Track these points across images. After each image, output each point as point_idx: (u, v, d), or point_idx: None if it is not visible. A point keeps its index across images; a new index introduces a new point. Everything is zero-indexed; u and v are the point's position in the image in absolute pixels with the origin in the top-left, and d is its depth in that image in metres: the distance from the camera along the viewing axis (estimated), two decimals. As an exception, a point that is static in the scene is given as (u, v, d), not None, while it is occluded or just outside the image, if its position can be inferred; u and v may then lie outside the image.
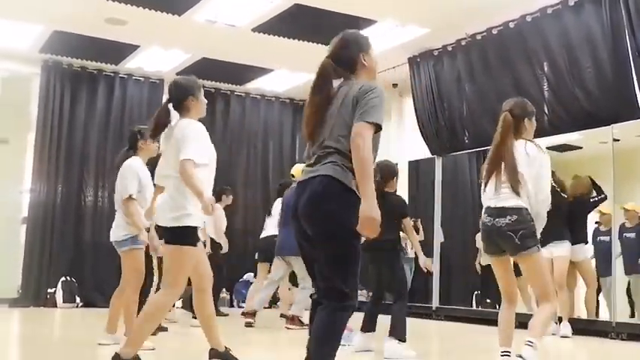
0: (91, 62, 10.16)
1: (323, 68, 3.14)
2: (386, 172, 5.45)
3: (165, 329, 6.39)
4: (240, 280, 10.65)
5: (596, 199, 7.26)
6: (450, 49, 8.87)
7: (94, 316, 8.59)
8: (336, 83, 3.13)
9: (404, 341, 5.07)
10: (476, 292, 9.16)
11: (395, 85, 10.55)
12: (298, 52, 9.19)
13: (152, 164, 5.02)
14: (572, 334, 6.83)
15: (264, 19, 8.13)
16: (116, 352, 3.74)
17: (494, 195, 4.06)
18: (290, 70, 10.28)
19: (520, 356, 3.79)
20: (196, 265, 4.04)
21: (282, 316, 8.28)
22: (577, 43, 7.30)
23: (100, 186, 10.17)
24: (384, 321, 5.18)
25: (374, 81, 3.12)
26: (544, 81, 7.70)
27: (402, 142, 10.59)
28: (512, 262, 4.15)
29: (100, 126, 10.28)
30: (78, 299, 9.62)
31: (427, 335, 7.59)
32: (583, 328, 6.92)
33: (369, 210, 2.69)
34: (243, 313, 7.76)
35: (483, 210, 4.12)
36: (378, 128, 2.82)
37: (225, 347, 4.22)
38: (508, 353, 4.04)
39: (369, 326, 5.32)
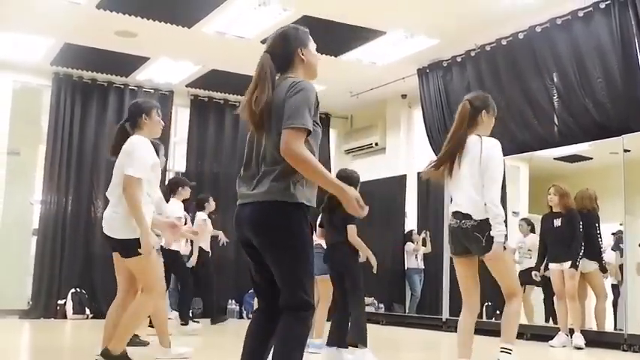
0: (101, 74, 10.22)
1: (261, 64, 2.99)
2: (346, 182, 5.40)
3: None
4: (250, 291, 10.63)
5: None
6: (459, 59, 8.87)
7: (103, 328, 8.59)
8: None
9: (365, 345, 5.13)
10: (486, 304, 9.11)
11: (404, 96, 10.55)
12: (307, 63, 9.21)
13: None
14: (585, 345, 6.79)
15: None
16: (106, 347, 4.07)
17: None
18: (299, 82, 10.29)
19: None
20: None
21: None
22: (587, 53, 7.28)
23: (110, 197, 10.19)
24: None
25: (313, 77, 3.09)
26: (554, 91, 7.69)
27: (411, 153, 10.59)
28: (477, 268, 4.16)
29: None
30: (88, 310, 9.62)
31: (437, 347, 7.56)
32: (594, 339, 6.86)
33: (341, 193, 2.72)
34: None
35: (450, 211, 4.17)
36: (308, 131, 2.71)
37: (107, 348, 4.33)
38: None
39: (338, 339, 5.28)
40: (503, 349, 3.98)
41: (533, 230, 8.30)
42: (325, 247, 5.72)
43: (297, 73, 3.00)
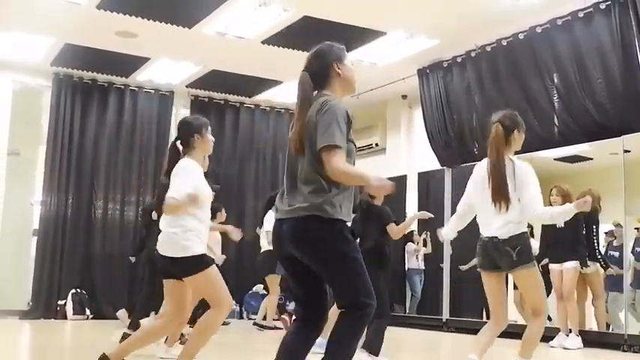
0: (101, 75, 10.22)
1: (301, 82, 3.11)
2: None
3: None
4: (250, 292, 10.65)
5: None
6: (459, 60, 8.87)
7: (103, 328, 8.60)
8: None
9: (376, 355, 5.06)
10: (486, 304, 9.13)
11: (404, 97, 10.55)
12: (308, 64, 9.21)
13: None
14: (584, 346, 6.79)
15: (273, 31, 8.16)
16: None
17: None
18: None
19: None
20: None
21: (255, 324, 8.57)
22: (587, 54, 7.29)
23: (110, 198, 10.21)
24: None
25: (351, 91, 3.21)
26: (554, 92, 7.69)
27: (411, 153, 10.58)
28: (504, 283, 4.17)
29: (111, 138, 10.33)
30: (88, 311, 9.62)
31: (437, 347, 7.56)
32: (594, 340, 6.86)
33: (367, 180, 2.86)
34: (255, 324, 7.82)
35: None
36: (335, 145, 2.83)
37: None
38: None
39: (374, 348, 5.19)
40: None
41: (532, 234, 8.35)
42: None
43: (334, 87, 3.11)
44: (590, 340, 6.86)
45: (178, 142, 4.28)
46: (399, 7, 7.44)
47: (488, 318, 8.72)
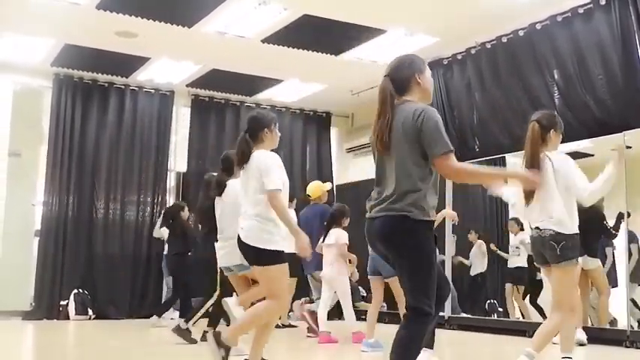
0: (101, 75, 10.23)
1: (383, 88, 3.33)
2: None
3: None
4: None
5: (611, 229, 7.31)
6: (459, 57, 8.86)
7: (106, 328, 8.62)
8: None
9: (431, 348, 5.14)
10: (488, 302, 9.13)
11: (405, 95, 10.54)
12: (308, 62, 9.22)
13: None
14: (587, 341, 6.79)
15: (273, 29, 8.16)
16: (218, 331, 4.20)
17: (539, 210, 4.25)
18: (300, 81, 10.31)
19: None
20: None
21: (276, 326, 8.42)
22: (587, 50, 7.28)
23: (111, 198, 10.21)
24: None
25: (427, 100, 3.35)
26: (554, 88, 7.68)
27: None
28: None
29: (112, 138, 10.33)
30: (90, 311, 9.63)
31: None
32: (596, 336, 6.86)
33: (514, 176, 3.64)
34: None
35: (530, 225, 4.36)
36: (450, 150, 3.07)
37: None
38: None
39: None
40: (564, 358, 4.27)
41: (522, 229, 8.38)
42: None
43: (414, 96, 3.29)
44: (593, 335, 6.86)
45: (247, 135, 4.41)
46: (399, 5, 7.44)
47: (490, 315, 8.77)
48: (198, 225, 8.00)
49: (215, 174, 6.71)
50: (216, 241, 5.67)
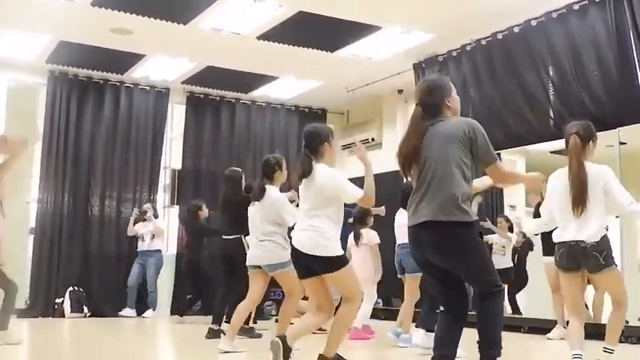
0: (96, 72, 10.20)
1: (415, 116, 3.67)
2: None
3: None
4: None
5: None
6: (454, 54, 8.86)
7: (102, 326, 8.61)
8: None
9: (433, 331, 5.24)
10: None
11: (400, 91, 10.55)
12: (304, 59, 9.22)
13: None
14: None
15: (268, 26, 8.16)
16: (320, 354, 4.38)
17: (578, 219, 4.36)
18: (296, 78, 10.31)
19: None
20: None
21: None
22: (582, 46, 7.29)
23: (107, 196, 10.20)
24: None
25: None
26: (550, 85, 7.69)
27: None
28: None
29: (107, 135, 10.31)
30: (86, 309, 9.61)
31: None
32: (591, 331, 6.86)
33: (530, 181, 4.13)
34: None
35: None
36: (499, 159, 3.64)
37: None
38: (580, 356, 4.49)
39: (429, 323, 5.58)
40: (605, 349, 4.57)
41: (511, 228, 8.39)
42: None
43: (444, 115, 3.68)
44: (588, 331, 6.84)
45: (307, 151, 4.52)
46: (395, 2, 7.44)
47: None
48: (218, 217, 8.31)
49: (236, 169, 7.12)
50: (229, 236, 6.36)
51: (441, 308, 3.69)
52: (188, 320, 9.04)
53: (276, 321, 5.98)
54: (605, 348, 4.50)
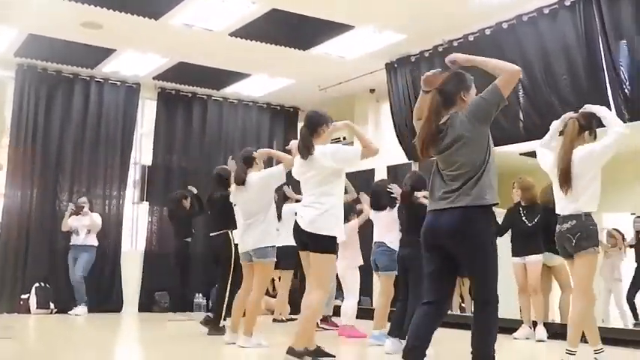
0: (66, 66, 10.08)
1: (433, 99, 3.64)
2: (416, 183, 5.94)
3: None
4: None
5: None
6: (427, 55, 8.91)
7: (67, 322, 8.51)
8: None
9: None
10: (455, 298, 9.19)
11: (372, 91, 10.58)
12: (276, 57, 9.19)
13: None
14: (547, 337, 6.90)
15: (241, 23, 8.12)
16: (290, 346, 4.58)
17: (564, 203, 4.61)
18: (268, 75, 10.28)
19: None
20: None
21: (274, 320, 8.62)
22: (552, 50, 7.38)
23: (75, 191, 10.08)
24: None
25: None
26: (519, 88, 7.76)
27: (380, 147, 10.55)
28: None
29: (76, 130, 10.20)
30: (52, 305, 9.50)
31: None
32: (557, 331, 6.96)
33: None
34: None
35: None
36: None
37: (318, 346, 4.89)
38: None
39: (397, 331, 5.64)
40: (596, 351, 4.69)
41: None
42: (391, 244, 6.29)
43: (457, 108, 3.65)
44: (554, 331, 6.96)
45: (308, 130, 4.89)
46: (368, 2, 7.45)
47: (457, 310, 8.82)
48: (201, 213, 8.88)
49: (225, 167, 7.17)
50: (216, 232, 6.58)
51: (425, 300, 3.63)
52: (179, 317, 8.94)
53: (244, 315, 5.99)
54: (595, 350, 4.73)
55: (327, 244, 4.65)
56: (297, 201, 6.29)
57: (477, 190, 3.44)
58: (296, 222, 4.78)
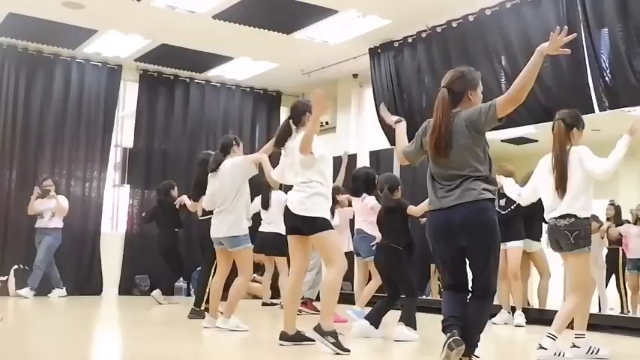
0: (47, 46, 9.96)
1: (441, 96, 3.70)
2: (393, 183, 5.90)
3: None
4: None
5: None
6: (410, 40, 8.92)
7: (47, 304, 8.48)
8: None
9: (414, 328, 5.52)
10: (433, 282, 9.27)
11: (355, 76, 10.58)
12: (259, 40, 9.15)
13: None
14: (526, 323, 6.98)
15: (225, 6, 8.07)
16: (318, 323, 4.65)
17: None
18: (251, 59, 10.23)
19: (540, 346, 4.51)
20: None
21: (264, 304, 8.71)
22: (535, 37, 7.39)
23: (55, 173, 9.99)
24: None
25: None
26: (502, 74, 7.80)
27: (361, 132, 10.62)
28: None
29: (57, 112, 10.10)
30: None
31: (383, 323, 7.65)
32: (536, 317, 7.05)
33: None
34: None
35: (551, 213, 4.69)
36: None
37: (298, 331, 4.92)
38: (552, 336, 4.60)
39: (374, 318, 5.68)
40: (576, 335, 4.74)
41: None
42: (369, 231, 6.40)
43: (463, 106, 3.73)
44: (532, 317, 7.04)
45: (291, 121, 5.05)
46: (352, -14, 7.44)
47: (434, 295, 8.88)
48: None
49: (210, 152, 6.96)
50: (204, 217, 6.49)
51: (447, 284, 3.78)
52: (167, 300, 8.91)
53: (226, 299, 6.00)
54: (575, 334, 4.74)
55: (321, 224, 4.72)
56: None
57: (480, 186, 3.60)
58: (286, 207, 4.84)
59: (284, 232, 5.01)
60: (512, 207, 7.13)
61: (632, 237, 7.84)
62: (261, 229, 8.01)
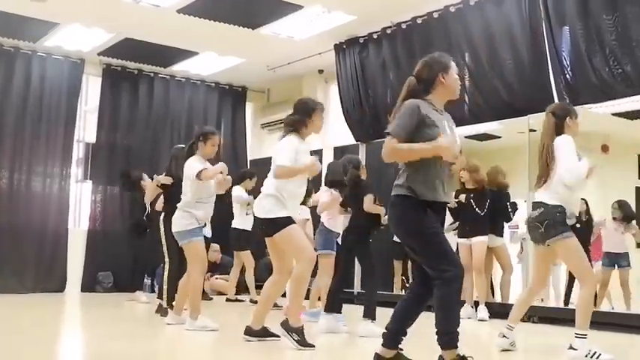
0: (7, 39, 9.78)
1: (408, 86, 3.58)
2: (355, 162, 6.09)
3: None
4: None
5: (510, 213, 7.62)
6: (375, 36, 8.96)
7: (10, 302, 8.35)
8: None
9: (374, 320, 5.50)
10: (397, 278, 9.33)
11: (321, 71, 10.58)
12: (225, 35, 9.11)
13: None
14: (489, 317, 7.07)
15: (189, 0, 8.01)
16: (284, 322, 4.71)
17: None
18: (217, 54, 10.17)
19: (571, 347, 4.39)
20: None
21: (252, 301, 8.52)
22: (498, 35, 7.50)
23: (16, 168, 9.83)
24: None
25: (453, 97, 3.66)
26: (465, 71, 7.87)
27: (327, 128, 10.59)
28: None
29: (17, 106, 9.93)
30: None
31: (350, 320, 7.69)
32: (498, 311, 7.14)
33: (437, 150, 3.34)
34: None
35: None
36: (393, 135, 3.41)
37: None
38: (510, 327, 4.73)
39: (332, 307, 5.74)
40: (577, 335, 4.44)
41: None
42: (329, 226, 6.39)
43: (437, 93, 3.58)
44: (495, 311, 7.13)
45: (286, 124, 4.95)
46: (317, -18, 7.44)
47: (400, 291, 8.95)
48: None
49: (182, 146, 6.89)
50: None
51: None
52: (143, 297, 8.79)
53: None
54: (576, 334, 4.44)
55: (280, 223, 4.70)
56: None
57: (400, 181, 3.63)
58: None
59: (243, 227, 5.09)
60: (487, 206, 7.25)
61: (610, 232, 7.73)
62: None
